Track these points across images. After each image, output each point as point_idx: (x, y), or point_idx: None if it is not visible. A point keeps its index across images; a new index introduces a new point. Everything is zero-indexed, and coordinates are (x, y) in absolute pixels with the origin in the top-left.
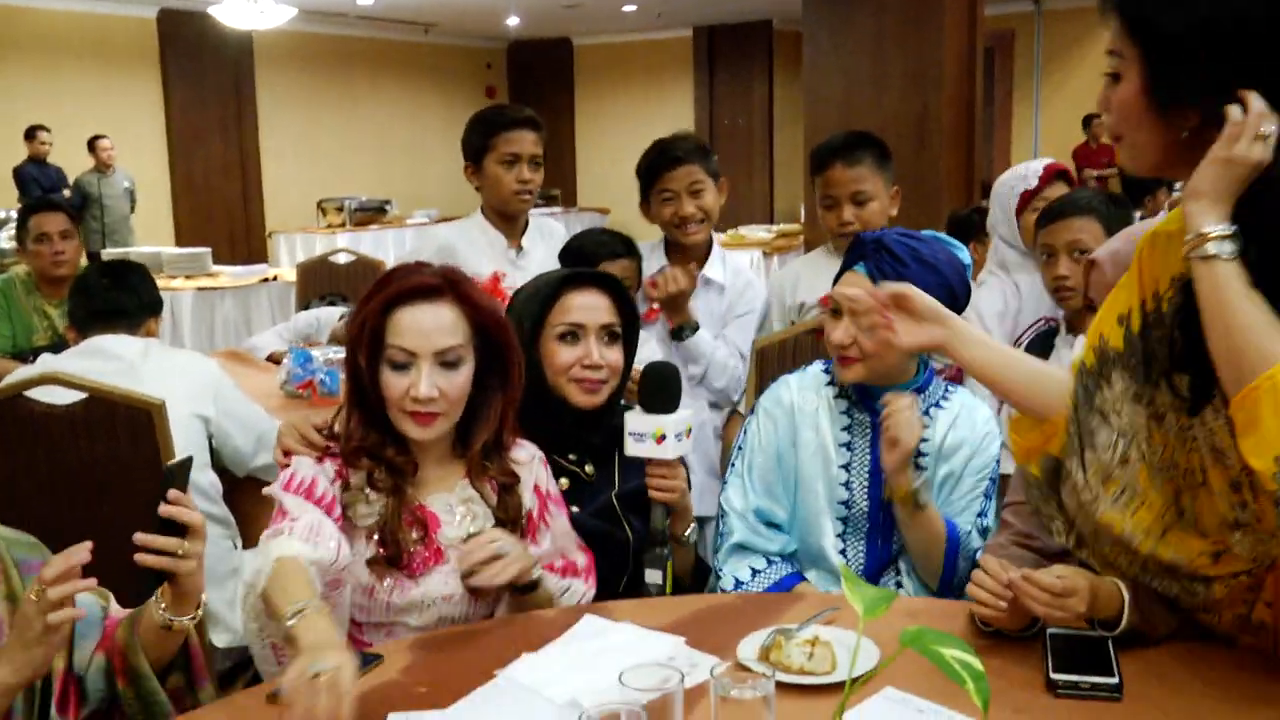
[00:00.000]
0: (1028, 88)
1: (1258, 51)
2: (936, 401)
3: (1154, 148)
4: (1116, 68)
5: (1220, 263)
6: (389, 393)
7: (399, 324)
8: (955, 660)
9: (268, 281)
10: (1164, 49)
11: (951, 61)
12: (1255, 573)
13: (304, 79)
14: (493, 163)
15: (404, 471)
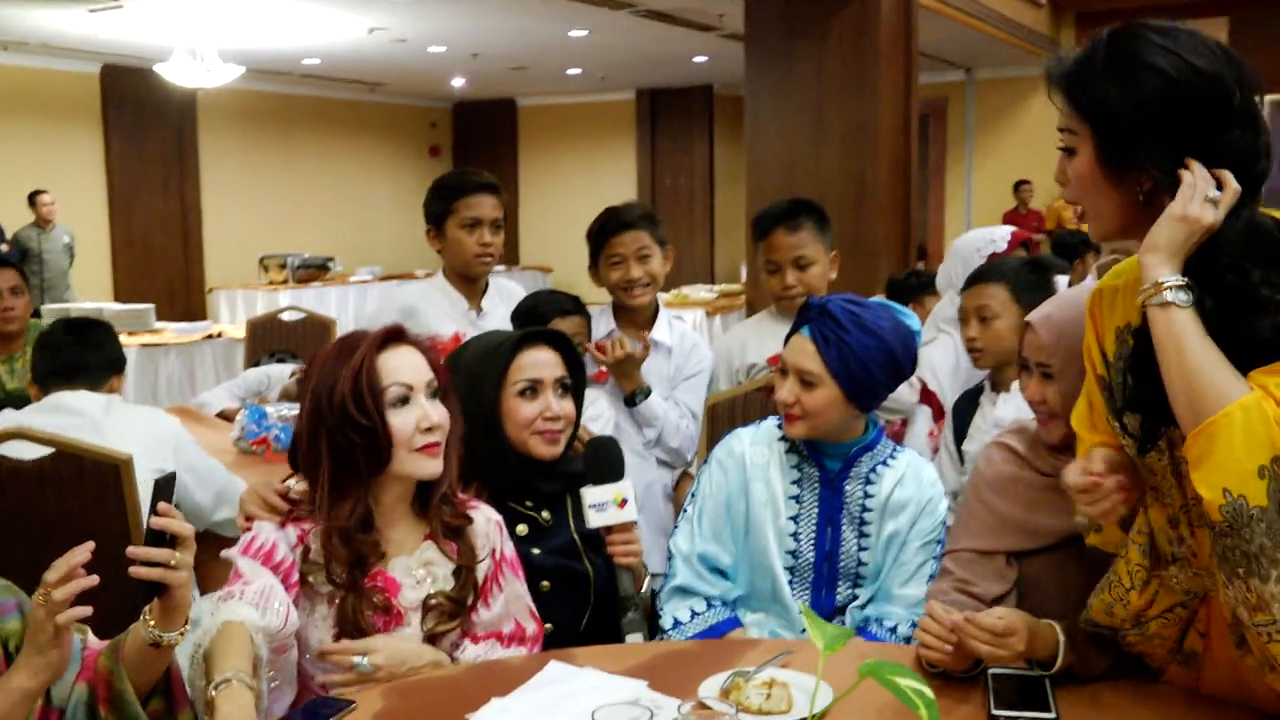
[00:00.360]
0: (960, 153)
1: (1195, 123)
2: (884, 460)
3: (1113, 213)
4: (1070, 143)
5: (1175, 309)
6: (400, 434)
7: (388, 365)
8: (909, 689)
9: (212, 338)
10: (1110, 124)
11: (888, 126)
12: (1189, 605)
13: (248, 136)
14: (454, 227)
15: (368, 559)
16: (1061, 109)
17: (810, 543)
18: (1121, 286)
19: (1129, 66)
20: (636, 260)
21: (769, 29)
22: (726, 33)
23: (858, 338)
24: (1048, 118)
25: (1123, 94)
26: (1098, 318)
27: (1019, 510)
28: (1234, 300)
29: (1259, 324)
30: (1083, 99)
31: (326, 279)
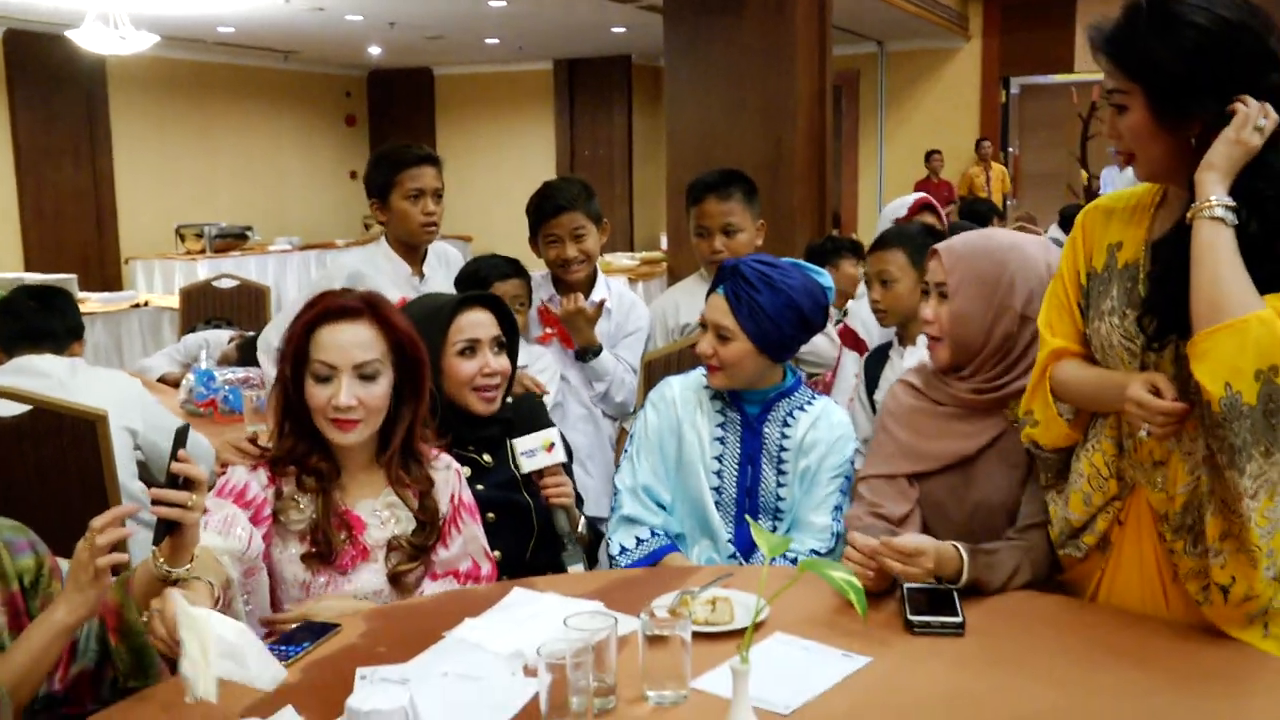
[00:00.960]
0: (873, 124)
1: (1234, 69)
2: (801, 405)
3: (1167, 157)
4: (1121, 101)
5: (1222, 226)
6: (313, 402)
7: (321, 341)
8: (842, 580)
9: (138, 307)
10: (1160, 79)
11: (804, 97)
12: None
13: (161, 104)
14: (399, 198)
15: (327, 475)
16: (1109, 71)
17: (733, 480)
18: (1117, 209)
19: (1169, 25)
20: (572, 240)
21: (686, 2)
22: (645, 4)
23: (767, 296)
24: (957, 89)
25: (1168, 51)
26: (1088, 231)
27: (916, 437)
28: (1276, 222)
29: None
30: (1131, 60)
31: (244, 248)
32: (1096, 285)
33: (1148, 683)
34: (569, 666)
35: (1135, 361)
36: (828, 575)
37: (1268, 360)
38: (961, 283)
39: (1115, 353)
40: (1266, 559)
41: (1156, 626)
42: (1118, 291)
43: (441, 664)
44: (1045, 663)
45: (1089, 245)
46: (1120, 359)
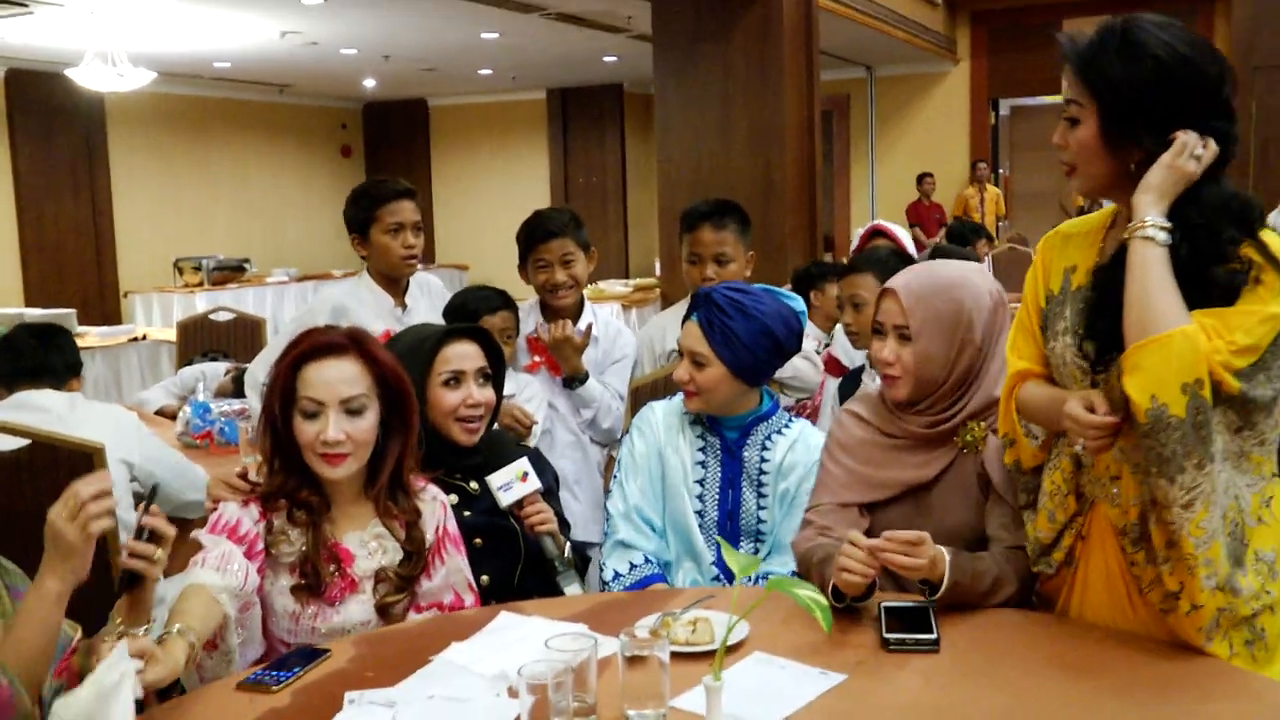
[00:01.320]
0: (863, 148)
1: (1184, 99)
2: (779, 429)
3: (1105, 177)
4: (1075, 114)
5: (1154, 245)
6: (302, 438)
7: (308, 378)
8: (808, 597)
9: (136, 341)
10: (1116, 100)
11: (792, 124)
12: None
13: (159, 138)
14: (379, 233)
15: (318, 509)
16: (1071, 83)
17: (714, 503)
18: (1075, 235)
19: (1133, 51)
20: (561, 265)
21: (676, 31)
22: (635, 34)
23: (740, 322)
24: (946, 113)
25: (1127, 74)
26: (1046, 256)
27: (867, 467)
28: (1203, 249)
29: (1217, 272)
30: (1093, 76)
31: (242, 280)
32: (1053, 307)
33: (1113, 693)
34: (550, 687)
35: (1087, 380)
36: (794, 593)
37: (1192, 374)
38: (924, 324)
39: (1069, 371)
40: (1205, 568)
41: (1124, 639)
42: (1070, 313)
43: (428, 688)
44: (1017, 677)
45: (1047, 270)
46: (1074, 377)
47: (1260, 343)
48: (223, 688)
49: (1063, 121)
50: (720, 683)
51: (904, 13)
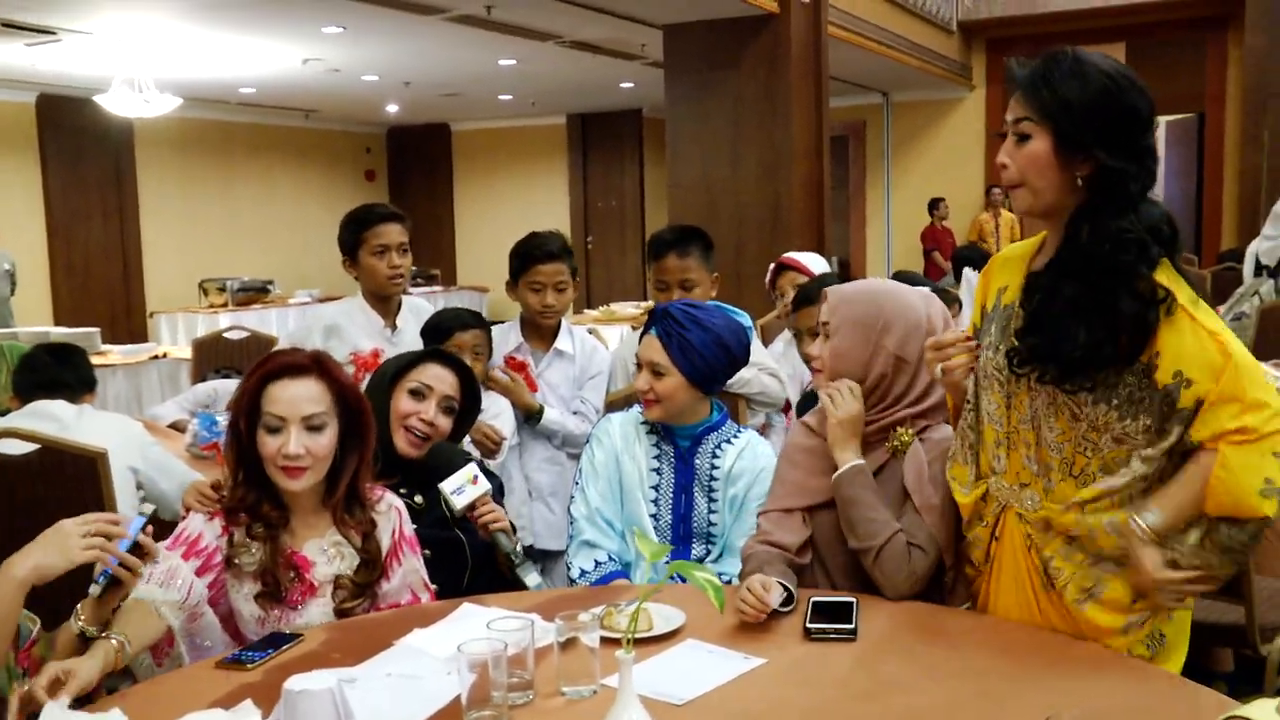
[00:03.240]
0: (879, 173)
1: (1129, 118)
2: (728, 438)
3: (1051, 190)
4: (1026, 130)
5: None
6: (265, 451)
7: (272, 395)
8: (703, 579)
9: (157, 359)
10: (1071, 117)
11: (801, 150)
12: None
13: (186, 162)
14: (366, 255)
15: (276, 524)
16: (1021, 104)
17: (668, 507)
18: (1012, 258)
19: (1085, 73)
20: (554, 289)
21: (686, 59)
22: (650, 61)
23: (696, 333)
24: (961, 138)
25: (1081, 93)
26: (987, 277)
27: (806, 474)
28: (1126, 264)
29: (1125, 302)
30: (1048, 95)
31: (266, 301)
32: (986, 323)
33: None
34: (489, 664)
35: (1002, 390)
36: (691, 575)
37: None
38: (841, 323)
39: (990, 381)
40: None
41: (1029, 631)
42: (995, 328)
43: (386, 667)
44: (925, 660)
45: (986, 290)
46: (991, 386)
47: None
48: (203, 666)
49: (1010, 139)
50: (631, 654)
51: (918, 40)
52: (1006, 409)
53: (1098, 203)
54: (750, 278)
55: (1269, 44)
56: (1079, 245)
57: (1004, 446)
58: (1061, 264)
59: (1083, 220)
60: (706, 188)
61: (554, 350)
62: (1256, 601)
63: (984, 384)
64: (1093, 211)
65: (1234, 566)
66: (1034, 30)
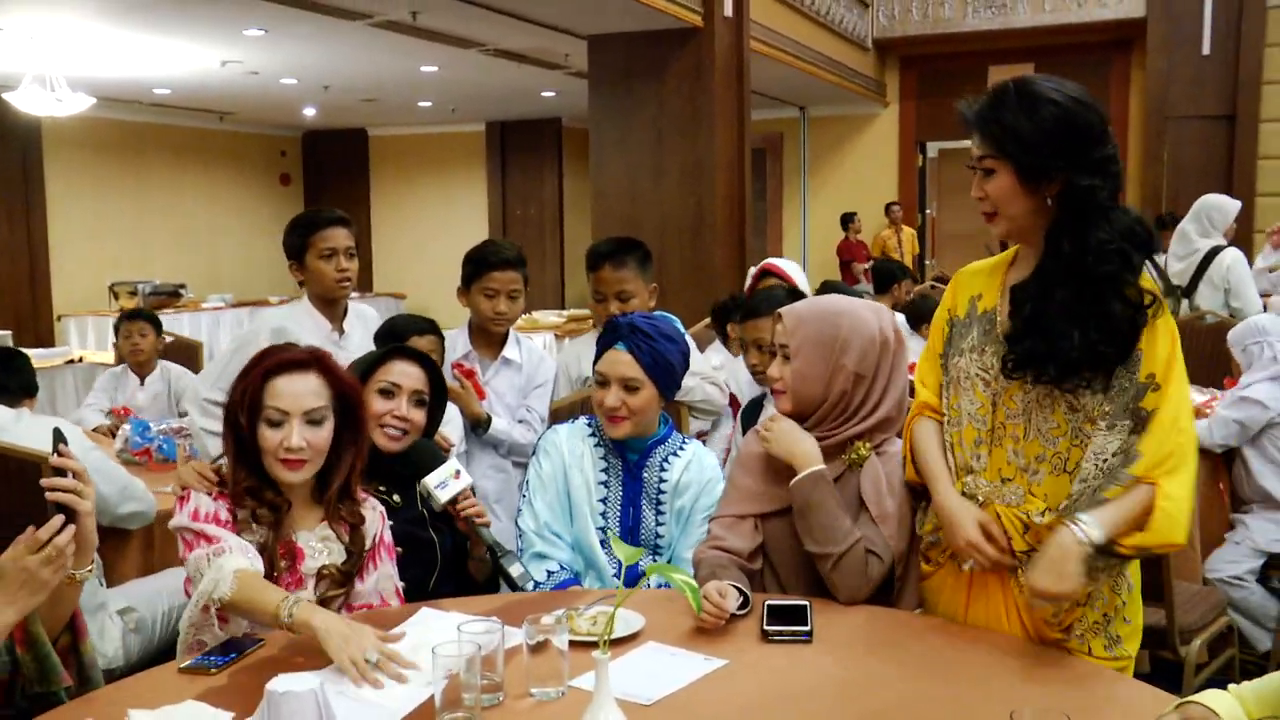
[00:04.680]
0: (796, 186)
1: (1083, 138)
2: (674, 451)
3: (1027, 215)
4: (989, 165)
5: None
6: (266, 444)
7: (275, 389)
8: (681, 580)
9: (72, 363)
10: (1026, 149)
11: (723, 161)
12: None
13: (97, 163)
14: (313, 258)
15: (280, 509)
16: (979, 143)
17: (616, 520)
18: (982, 270)
19: (1033, 103)
20: (507, 297)
21: (610, 70)
22: (573, 70)
23: (664, 344)
24: (876, 153)
25: (1032, 125)
26: (956, 288)
27: (761, 482)
28: (1113, 273)
29: (1116, 308)
30: (1000, 133)
31: (178, 305)
32: (959, 329)
33: (967, 680)
34: (461, 666)
35: (988, 390)
36: (670, 577)
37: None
38: (801, 345)
39: (971, 382)
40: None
41: (979, 633)
42: (977, 332)
43: None
44: (880, 661)
45: (955, 299)
46: (974, 387)
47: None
48: (166, 670)
49: (977, 174)
50: (608, 655)
51: (835, 56)
52: (992, 407)
53: (1071, 217)
54: (674, 286)
55: (1169, 67)
56: (1063, 257)
57: (985, 445)
58: (1048, 274)
59: (1061, 235)
60: (630, 198)
61: (502, 358)
62: (1175, 605)
63: (964, 385)
64: (1069, 226)
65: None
66: (946, 49)
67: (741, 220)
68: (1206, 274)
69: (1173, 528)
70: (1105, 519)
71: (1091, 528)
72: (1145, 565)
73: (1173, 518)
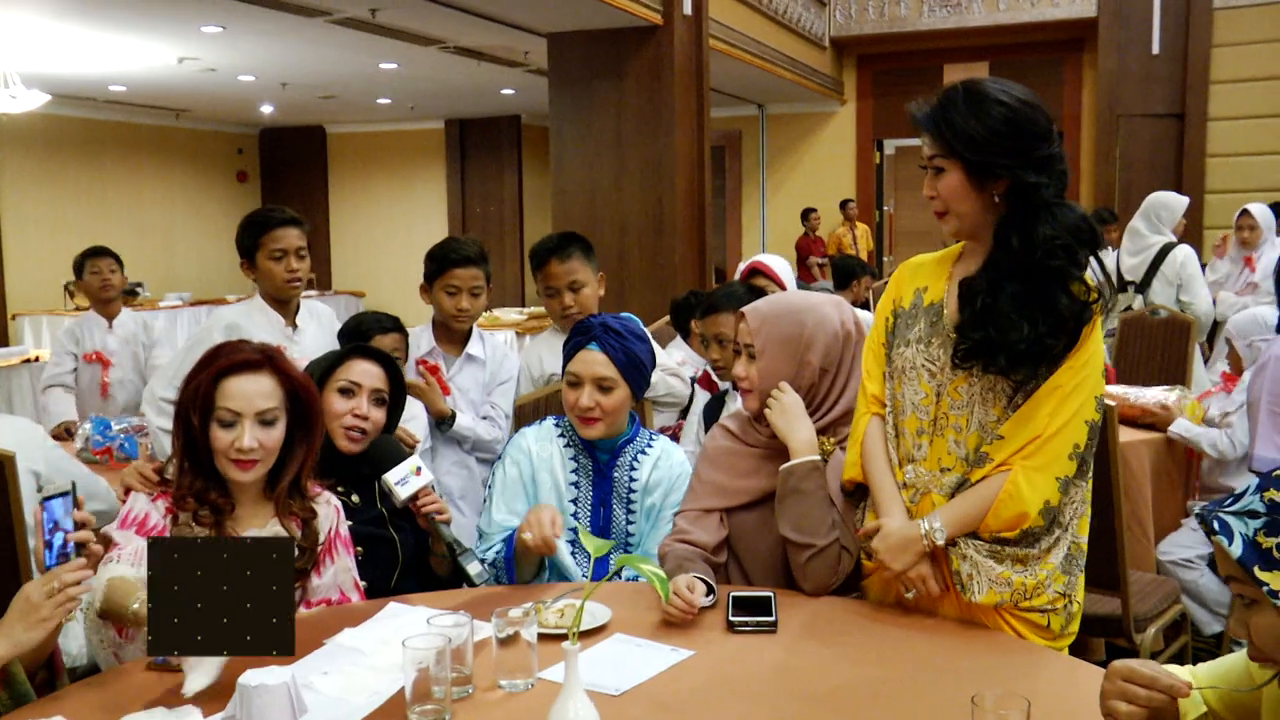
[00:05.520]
0: (755, 183)
1: (1030, 137)
2: (643, 449)
3: (975, 214)
4: (939, 164)
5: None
6: (217, 445)
7: (227, 390)
8: (650, 572)
9: (29, 362)
10: (975, 147)
11: (683, 159)
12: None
13: (51, 161)
14: (264, 258)
15: (223, 510)
16: (929, 143)
17: (587, 520)
18: (925, 264)
19: (981, 105)
20: (469, 294)
21: (570, 68)
22: (533, 68)
23: (634, 343)
24: (833, 151)
25: (981, 126)
26: (899, 281)
27: (727, 476)
28: (1060, 269)
29: (1063, 301)
30: (950, 134)
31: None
32: (904, 320)
33: (926, 665)
34: (431, 659)
35: (933, 381)
36: (639, 567)
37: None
38: (767, 343)
39: (916, 373)
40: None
41: (941, 621)
42: (924, 324)
43: (322, 665)
44: (841, 648)
45: (899, 291)
46: (919, 378)
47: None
48: (135, 667)
49: (929, 173)
50: (577, 646)
51: (793, 55)
52: (936, 398)
53: (1019, 214)
54: (634, 284)
55: (1119, 66)
56: (1012, 252)
57: (927, 435)
58: (998, 268)
59: (1010, 231)
60: (590, 196)
61: (465, 355)
62: (1130, 594)
63: (909, 375)
64: (1017, 222)
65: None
66: (902, 48)
67: (702, 218)
68: (1160, 270)
69: (1014, 512)
70: (952, 518)
71: (937, 533)
72: (1101, 555)
73: (1015, 499)
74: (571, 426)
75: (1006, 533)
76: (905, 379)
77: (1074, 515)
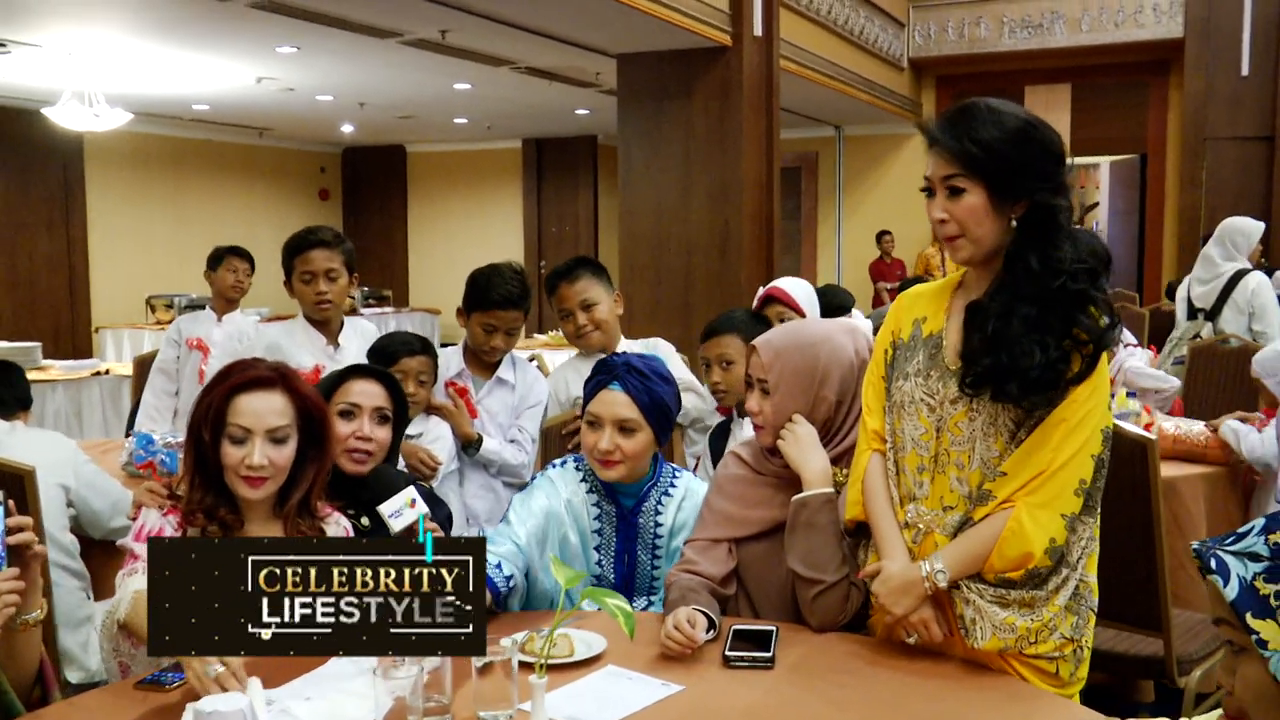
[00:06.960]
0: (831, 204)
1: (1048, 155)
2: (666, 490)
3: (992, 236)
4: (958, 185)
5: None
6: (228, 461)
7: (239, 407)
8: (615, 606)
9: (99, 375)
10: (1001, 165)
11: (750, 181)
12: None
13: (136, 177)
14: (296, 280)
15: (232, 527)
16: (947, 161)
17: (611, 568)
18: (924, 294)
19: (1001, 119)
20: (505, 334)
21: (639, 89)
22: (605, 89)
23: (658, 384)
24: (909, 173)
25: (1004, 139)
26: (899, 311)
27: (738, 506)
28: (1082, 292)
29: (1084, 322)
30: (972, 149)
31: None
32: (902, 352)
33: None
34: (407, 688)
35: (933, 415)
36: (603, 602)
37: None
38: (780, 378)
39: (915, 407)
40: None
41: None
42: (922, 356)
43: (306, 690)
44: (838, 688)
45: (898, 322)
46: (918, 412)
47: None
48: (122, 687)
49: (941, 195)
50: (544, 679)
51: (869, 76)
52: (936, 433)
53: (1036, 237)
54: (699, 304)
55: (1206, 89)
56: (1031, 275)
57: (928, 472)
58: (1011, 291)
59: (1028, 253)
60: (657, 215)
61: (496, 378)
62: (1174, 634)
63: (908, 410)
64: (1036, 245)
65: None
66: (982, 69)
67: (770, 239)
68: (1231, 297)
69: (1019, 551)
70: (954, 559)
71: (940, 575)
72: (1143, 594)
73: (1018, 536)
74: (592, 469)
75: (1011, 573)
76: (905, 413)
77: (1082, 554)
